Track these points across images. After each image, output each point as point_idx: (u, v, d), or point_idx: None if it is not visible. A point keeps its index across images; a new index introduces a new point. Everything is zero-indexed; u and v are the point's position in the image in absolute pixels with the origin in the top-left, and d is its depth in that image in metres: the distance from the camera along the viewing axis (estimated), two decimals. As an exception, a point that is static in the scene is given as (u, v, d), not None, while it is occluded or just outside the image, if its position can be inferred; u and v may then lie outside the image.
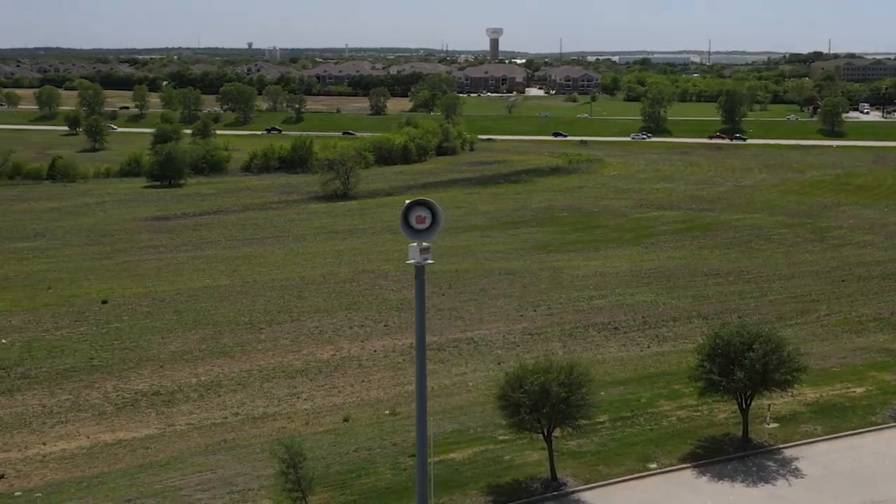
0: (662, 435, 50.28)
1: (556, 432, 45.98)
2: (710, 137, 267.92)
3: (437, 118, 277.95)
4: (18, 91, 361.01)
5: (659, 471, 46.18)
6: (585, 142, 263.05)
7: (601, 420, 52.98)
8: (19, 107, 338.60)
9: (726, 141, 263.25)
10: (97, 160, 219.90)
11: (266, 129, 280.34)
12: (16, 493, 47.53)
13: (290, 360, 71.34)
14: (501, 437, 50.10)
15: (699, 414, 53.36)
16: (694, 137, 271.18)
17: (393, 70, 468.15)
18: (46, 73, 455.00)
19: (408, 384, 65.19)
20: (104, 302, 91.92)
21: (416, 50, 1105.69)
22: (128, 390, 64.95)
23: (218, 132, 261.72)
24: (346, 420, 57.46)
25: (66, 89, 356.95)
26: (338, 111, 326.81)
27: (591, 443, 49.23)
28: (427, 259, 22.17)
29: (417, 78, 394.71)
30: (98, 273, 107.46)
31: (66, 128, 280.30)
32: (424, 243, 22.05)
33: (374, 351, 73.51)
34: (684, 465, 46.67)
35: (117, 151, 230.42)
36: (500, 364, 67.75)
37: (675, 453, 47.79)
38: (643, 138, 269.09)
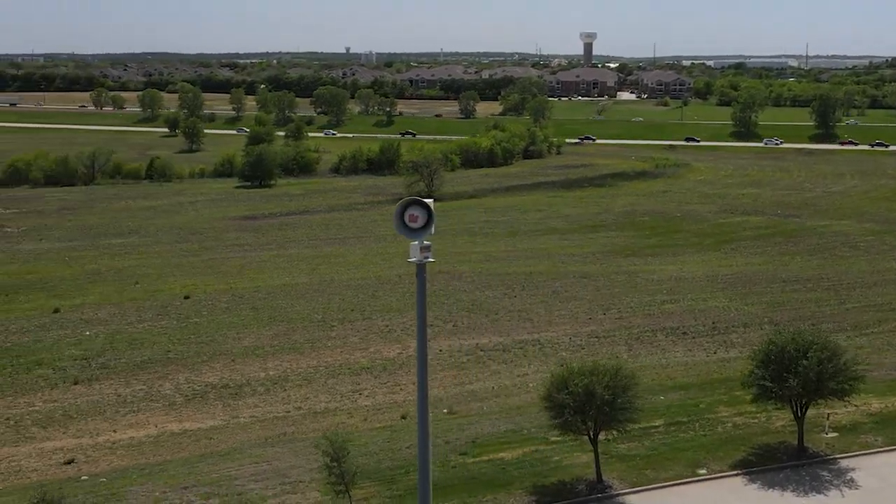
0: (715, 441, 49.48)
1: (606, 435, 45.79)
2: (842, 143, 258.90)
3: (526, 122, 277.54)
4: (124, 94, 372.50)
5: (708, 477, 45.47)
6: (674, 146, 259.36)
7: (655, 424, 52.47)
8: (124, 109, 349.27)
9: (866, 148, 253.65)
10: (193, 161, 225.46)
11: (401, 133, 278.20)
12: (82, 478, 49.26)
13: (356, 358, 72.24)
14: (553, 439, 49.89)
15: (756, 421, 52.33)
16: (786, 143, 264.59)
17: (485, 74, 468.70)
18: (151, 77, 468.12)
19: (468, 384, 65.49)
20: (186, 297, 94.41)
21: (511, 54, 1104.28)
22: (199, 382, 66.65)
23: (310, 134, 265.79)
24: (403, 417, 57.96)
25: (168, 92, 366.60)
26: (400, 114, 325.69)
27: (642, 446, 48.73)
28: (427, 257, 22.31)
29: (508, 82, 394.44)
30: (184, 269, 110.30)
31: (166, 129, 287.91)
32: (425, 241, 22.22)
33: (440, 350, 73.87)
34: (735, 472, 45.85)
35: (213, 153, 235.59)
36: (562, 366, 67.31)
37: (727, 459, 46.99)
38: (776, 144, 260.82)
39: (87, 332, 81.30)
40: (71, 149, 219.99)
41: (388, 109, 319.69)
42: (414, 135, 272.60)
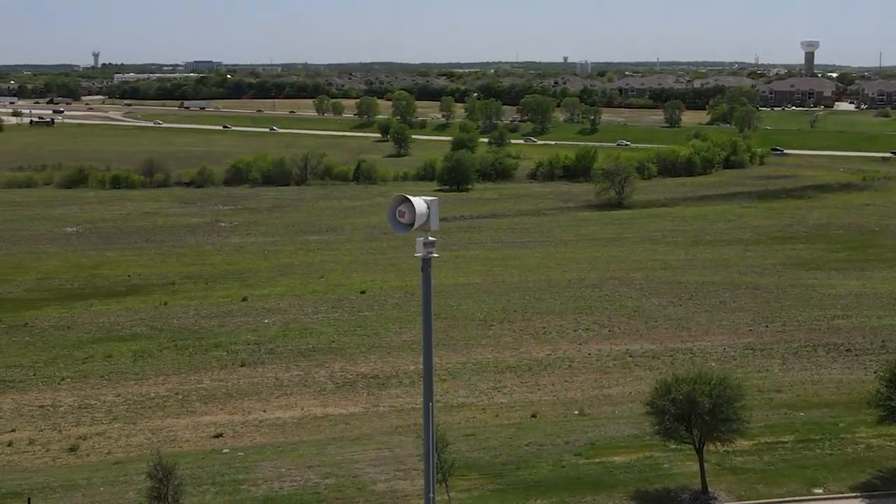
0: (841, 461, 46.87)
1: (716, 446, 44.30)
2: None
3: (731, 131, 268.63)
4: (344, 101, 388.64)
5: (823, 497, 43.22)
6: (888, 158, 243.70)
7: (784, 440, 50.31)
8: (343, 115, 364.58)
9: None
10: (399, 164, 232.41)
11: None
12: (224, 450, 52.50)
13: (505, 357, 72.78)
14: (672, 447, 48.70)
15: (893, 444, 49.02)
16: None
17: (698, 83, 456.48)
18: (372, 85, 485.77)
19: (607, 388, 64.68)
20: (362, 292, 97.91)
21: (730, 64, 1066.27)
22: (351, 372, 69.22)
23: (513, 141, 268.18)
24: (533, 416, 58.11)
25: (385, 100, 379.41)
26: (601, 123, 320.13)
27: (760, 461, 46.81)
28: (431, 252, 22.78)
29: (718, 91, 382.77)
30: (367, 266, 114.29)
31: (378, 135, 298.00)
32: (430, 237, 22.69)
33: (589, 354, 73.29)
34: (853, 495, 43.33)
35: (418, 157, 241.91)
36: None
37: (848, 481, 44.44)
38: None
39: (266, 320, 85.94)
40: (290, 151, 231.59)
41: (592, 118, 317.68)
42: (628, 144, 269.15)
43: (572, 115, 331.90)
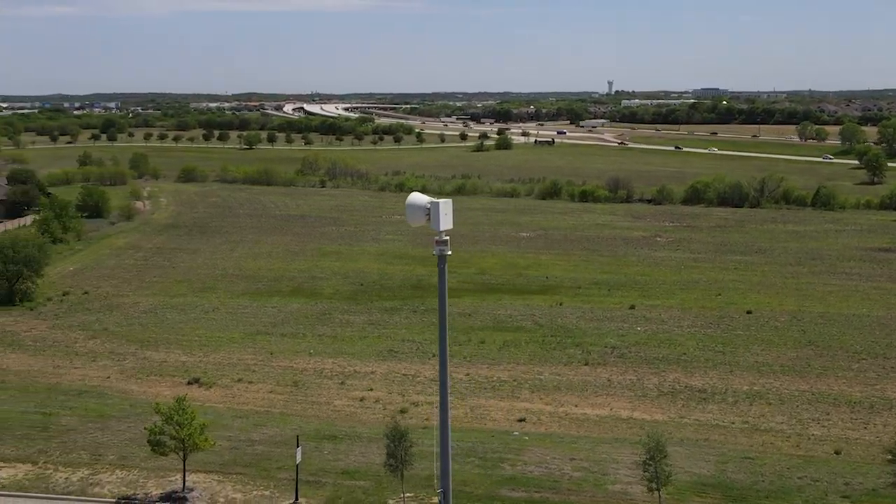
0: None
1: None
2: None
3: None
4: (829, 128, 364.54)
5: None
6: None
7: None
8: (826, 142, 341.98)
9: None
10: (867, 192, 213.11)
11: None
12: (514, 433, 54.32)
13: (852, 391, 65.16)
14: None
15: None
16: None
17: None
18: (868, 112, 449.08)
19: (945, 438, 55.12)
20: (748, 312, 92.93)
21: None
22: (682, 384, 66.75)
23: None
24: (837, 452, 51.86)
25: (874, 127, 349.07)
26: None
27: None
28: (444, 250, 22.83)
29: None
30: (772, 289, 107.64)
31: (856, 161, 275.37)
32: (445, 236, 22.79)
33: (952, 401, 62.83)
34: None
35: (892, 186, 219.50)
36: None
37: None
38: None
39: (639, 328, 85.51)
40: (759, 175, 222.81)
41: None
42: None
43: None
